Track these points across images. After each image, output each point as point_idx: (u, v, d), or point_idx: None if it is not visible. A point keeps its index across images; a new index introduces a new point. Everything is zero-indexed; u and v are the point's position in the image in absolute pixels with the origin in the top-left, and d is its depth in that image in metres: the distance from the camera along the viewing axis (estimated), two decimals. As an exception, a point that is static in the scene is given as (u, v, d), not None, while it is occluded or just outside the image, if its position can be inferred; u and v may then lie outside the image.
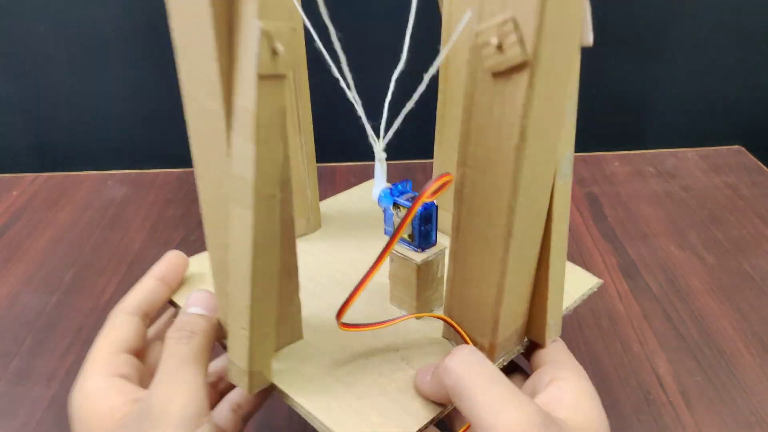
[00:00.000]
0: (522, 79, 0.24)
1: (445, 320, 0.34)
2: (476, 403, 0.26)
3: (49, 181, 0.78)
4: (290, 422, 0.45)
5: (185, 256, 0.39)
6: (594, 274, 0.59)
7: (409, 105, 0.29)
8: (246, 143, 0.25)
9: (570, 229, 0.65)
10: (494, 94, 0.25)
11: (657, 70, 0.85)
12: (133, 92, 0.83)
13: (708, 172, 0.76)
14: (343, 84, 0.30)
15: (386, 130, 0.31)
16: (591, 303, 0.56)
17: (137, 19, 0.77)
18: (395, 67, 0.30)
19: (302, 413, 0.30)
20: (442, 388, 0.28)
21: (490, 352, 0.32)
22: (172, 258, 0.38)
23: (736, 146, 0.82)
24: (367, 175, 0.75)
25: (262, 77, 0.24)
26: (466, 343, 0.32)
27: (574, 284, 0.40)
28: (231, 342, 0.30)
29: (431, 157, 0.43)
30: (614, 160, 0.80)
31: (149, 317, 0.35)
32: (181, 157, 0.49)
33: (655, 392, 0.46)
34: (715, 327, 0.53)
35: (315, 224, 0.46)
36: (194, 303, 0.33)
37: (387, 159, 0.34)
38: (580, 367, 0.31)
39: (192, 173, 0.82)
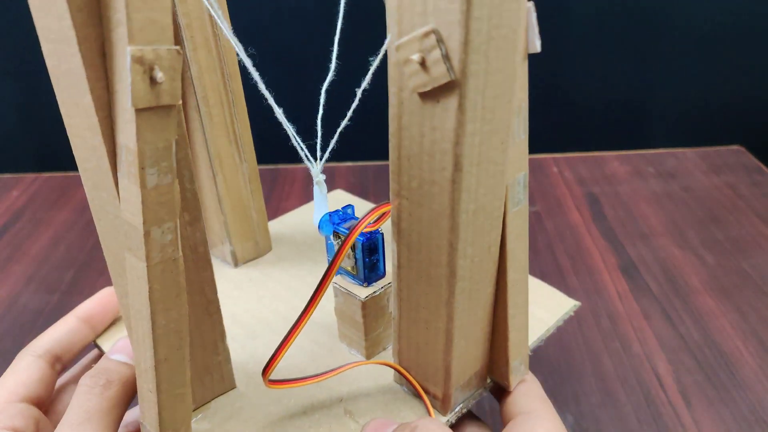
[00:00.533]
0: (451, 101, 0.20)
1: (392, 367, 0.30)
2: None
3: (49, 181, 0.78)
4: None
5: None
6: (594, 274, 0.59)
7: (344, 123, 0.26)
8: (132, 186, 0.21)
9: (570, 229, 0.66)
10: (423, 118, 0.22)
11: (657, 70, 0.85)
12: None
13: (708, 172, 0.76)
14: (270, 101, 0.26)
15: (323, 150, 0.28)
16: (591, 303, 0.56)
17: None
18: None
19: None
20: None
21: (444, 403, 0.29)
22: (103, 296, 0.34)
23: (736, 146, 0.82)
24: (366, 174, 0.75)
25: (141, 111, 0.20)
26: (418, 392, 0.29)
27: (549, 308, 0.37)
28: (141, 404, 0.27)
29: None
30: (614, 160, 0.80)
31: (62, 362, 0.31)
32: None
33: (655, 392, 0.46)
34: (714, 327, 0.53)
35: (264, 247, 0.43)
36: (119, 350, 0.29)
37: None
38: (557, 419, 0.28)
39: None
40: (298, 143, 0.28)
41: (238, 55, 0.30)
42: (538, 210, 0.69)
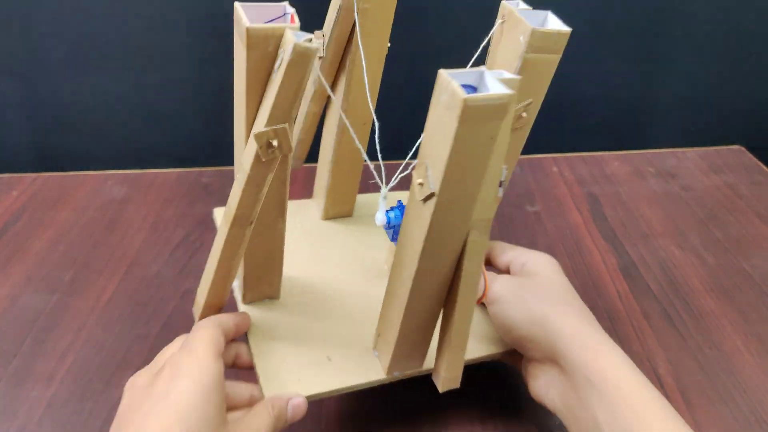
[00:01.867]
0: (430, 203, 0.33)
1: None
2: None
3: (49, 181, 0.78)
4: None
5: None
6: (594, 274, 0.59)
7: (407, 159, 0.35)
8: None
9: (570, 229, 0.66)
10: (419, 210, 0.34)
11: (657, 70, 0.85)
12: (134, 93, 0.83)
13: (708, 172, 0.76)
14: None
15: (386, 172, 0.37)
16: (591, 303, 0.55)
17: (139, 20, 0.77)
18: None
19: None
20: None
21: None
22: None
23: (736, 146, 0.82)
24: (366, 176, 0.75)
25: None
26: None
27: None
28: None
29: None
30: (614, 160, 0.80)
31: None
32: (181, 157, 0.49)
33: (655, 392, 0.46)
34: (714, 327, 0.53)
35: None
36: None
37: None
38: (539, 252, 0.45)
39: (192, 173, 0.82)
40: (375, 170, 0.37)
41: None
42: (538, 210, 0.69)
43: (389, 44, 0.46)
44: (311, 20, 0.35)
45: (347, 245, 0.51)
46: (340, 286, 0.47)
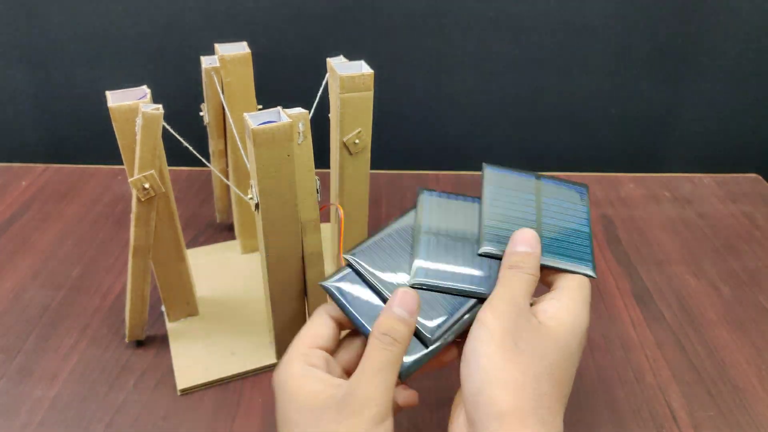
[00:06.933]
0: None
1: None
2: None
3: (59, 173, 0.77)
4: None
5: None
6: (607, 299, 0.58)
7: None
8: None
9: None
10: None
11: (678, 94, 0.84)
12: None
13: (724, 200, 0.75)
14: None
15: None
16: (604, 329, 0.55)
17: (154, 15, 0.76)
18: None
19: None
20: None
21: None
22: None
23: (753, 175, 0.81)
24: (377, 183, 0.74)
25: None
26: None
27: None
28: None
29: (444, 168, 0.43)
30: (629, 182, 0.79)
31: (343, 325, 0.39)
32: (192, 155, 0.49)
33: (669, 426, 0.46)
34: (729, 361, 0.52)
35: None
36: (400, 303, 0.35)
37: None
38: (581, 294, 0.37)
39: (202, 172, 0.81)
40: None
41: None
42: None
43: (260, 106, 0.53)
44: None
45: (258, 269, 0.57)
46: (248, 300, 0.56)
